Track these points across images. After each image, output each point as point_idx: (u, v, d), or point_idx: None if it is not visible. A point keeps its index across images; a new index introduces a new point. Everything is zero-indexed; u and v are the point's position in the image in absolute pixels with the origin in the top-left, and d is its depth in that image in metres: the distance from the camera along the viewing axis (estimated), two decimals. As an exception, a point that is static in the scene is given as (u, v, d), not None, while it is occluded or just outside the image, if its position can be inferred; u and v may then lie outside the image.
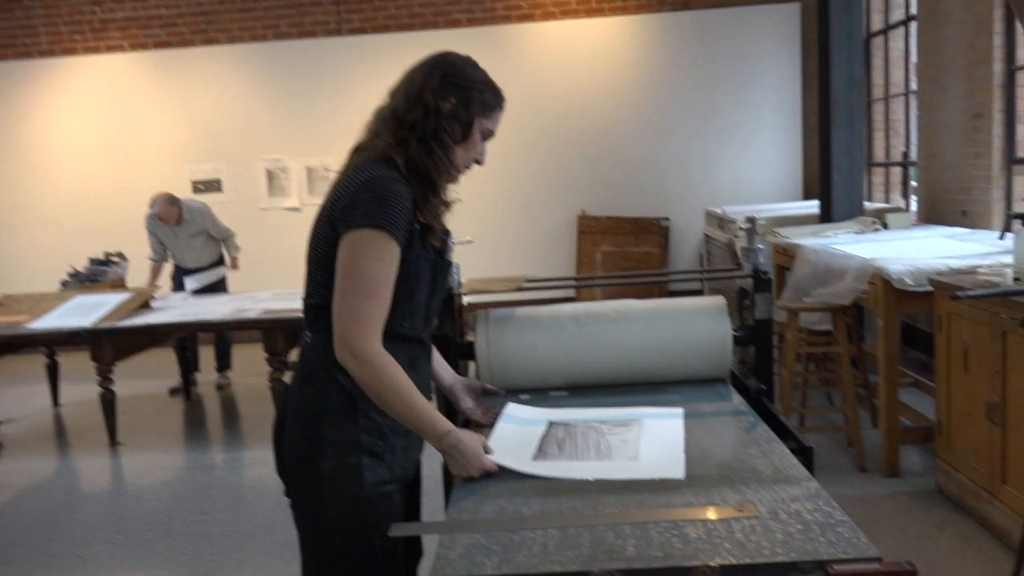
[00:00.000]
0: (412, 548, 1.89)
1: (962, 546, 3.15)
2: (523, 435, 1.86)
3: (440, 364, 2.03)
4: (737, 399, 2.16)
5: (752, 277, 2.29)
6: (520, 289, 2.29)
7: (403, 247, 1.61)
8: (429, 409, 1.63)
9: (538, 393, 2.31)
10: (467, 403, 2.04)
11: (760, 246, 2.31)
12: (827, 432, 4.34)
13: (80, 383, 6.14)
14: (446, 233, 1.77)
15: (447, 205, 1.72)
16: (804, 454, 1.80)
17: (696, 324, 2.27)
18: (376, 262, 1.57)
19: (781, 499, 1.51)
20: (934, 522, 3.36)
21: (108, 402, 5.13)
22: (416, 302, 1.69)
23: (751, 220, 2.31)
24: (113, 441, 5.16)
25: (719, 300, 2.32)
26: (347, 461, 1.61)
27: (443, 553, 1.37)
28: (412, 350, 1.71)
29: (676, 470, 1.65)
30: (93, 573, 3.50)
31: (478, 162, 1.75)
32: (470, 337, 2.32)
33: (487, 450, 1.68)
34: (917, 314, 5.00)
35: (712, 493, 1.56)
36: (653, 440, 1.82)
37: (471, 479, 1.65)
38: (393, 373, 1.58)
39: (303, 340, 1.71)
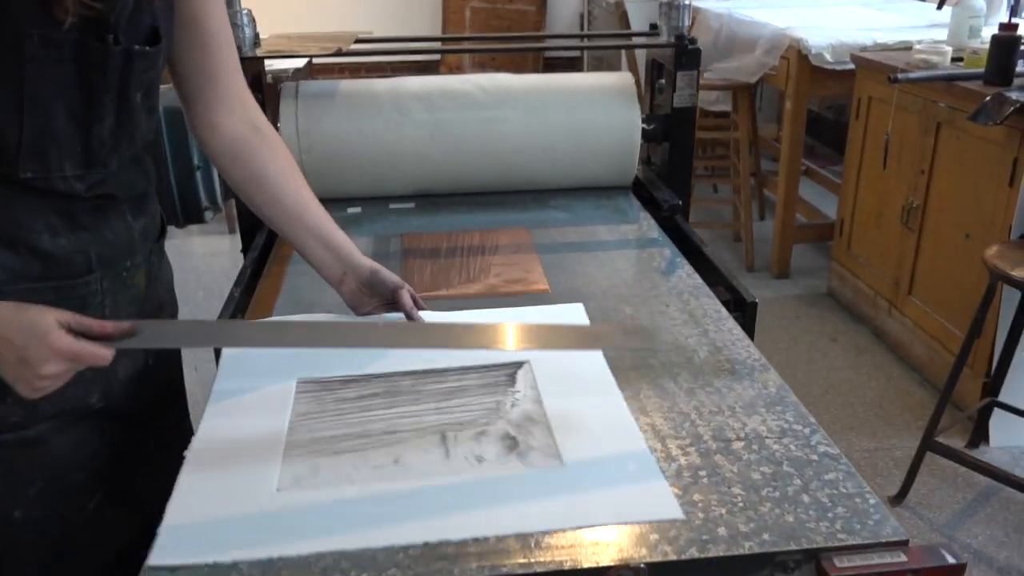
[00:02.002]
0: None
1: (857, 360, 2.86)
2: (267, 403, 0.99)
3: (326, 238, 1.14)
4: (645, 220, 1.59)
5: (674, 47, 1.65)
6: (344, 54, 1.57)
7: None
8: None
9: (374, 203, 1.67)
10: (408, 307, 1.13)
11: (686, 1, 1.65)
12: (714, 227, 3.93)
13: None
14: None
15: None
16: (742, 310, 1.27)
17: (593, 112, 1.64)
18: None
19: (730, 407, 0.98)
20: (827, 331, 3.06)
21: None
22: (43, 131, 0.90)
23: (679, -37, 1.62)
24: None
25: (625, 79, 1.68)
26: None
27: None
28: (64, 208, 0.96)
29: (663, 502, 0.81)
30: None
31: None
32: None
33: (84, 331, 0.85)
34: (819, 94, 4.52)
35: (625, 395, 1.01)
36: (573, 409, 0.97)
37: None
38: None
39: None
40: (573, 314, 1.19)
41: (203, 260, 3.70)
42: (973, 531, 2.07)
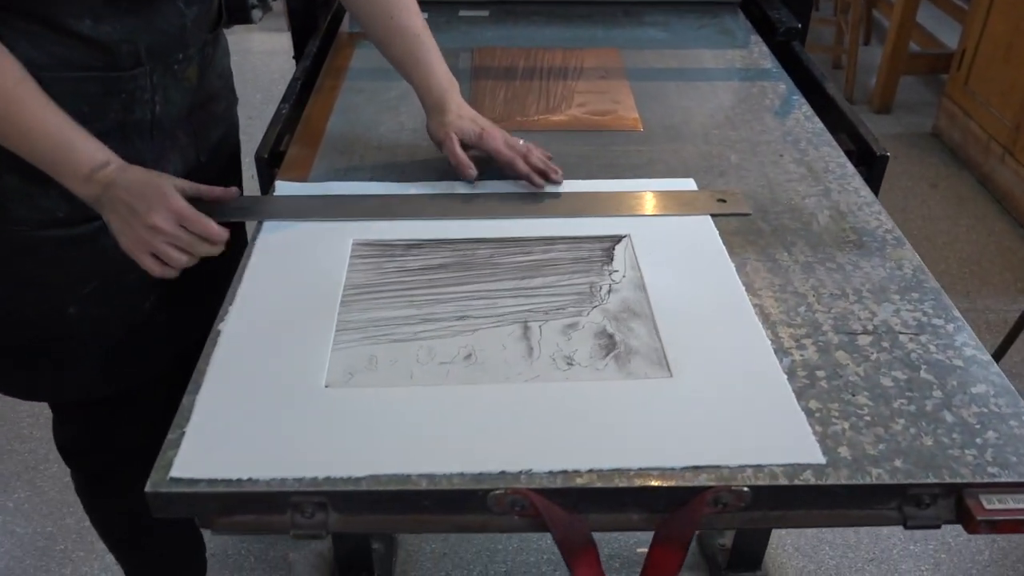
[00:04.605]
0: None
1: (957, 210, 2.62)
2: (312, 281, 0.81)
3: (409, 70, 1.00)
4: (756, 45, 1.35)
5: None
6: None
7: None
8: (51, 124, 0.82)
9: (441, 9, 1.46)
10: (456, 157, 0.96)
11: None
12: (813, 51, 3.56)
13: None
14: None
15: None
16: (868, 165, 1.08)
17: (707, -92, 1.37)
18: None
19: (856, 290, 0.81)
20: (927, 176, 2.80)
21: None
22: None
23: None
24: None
25: None
26: None
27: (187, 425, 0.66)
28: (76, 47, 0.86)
29: (799, 441, 0.65)
30: None
31: None
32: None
33: (196, 197, 0.86)
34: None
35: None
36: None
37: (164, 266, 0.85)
38: None
39: None
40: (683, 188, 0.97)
41: (261, 59, 3.51)
42: (1067, 406, 1.92)
